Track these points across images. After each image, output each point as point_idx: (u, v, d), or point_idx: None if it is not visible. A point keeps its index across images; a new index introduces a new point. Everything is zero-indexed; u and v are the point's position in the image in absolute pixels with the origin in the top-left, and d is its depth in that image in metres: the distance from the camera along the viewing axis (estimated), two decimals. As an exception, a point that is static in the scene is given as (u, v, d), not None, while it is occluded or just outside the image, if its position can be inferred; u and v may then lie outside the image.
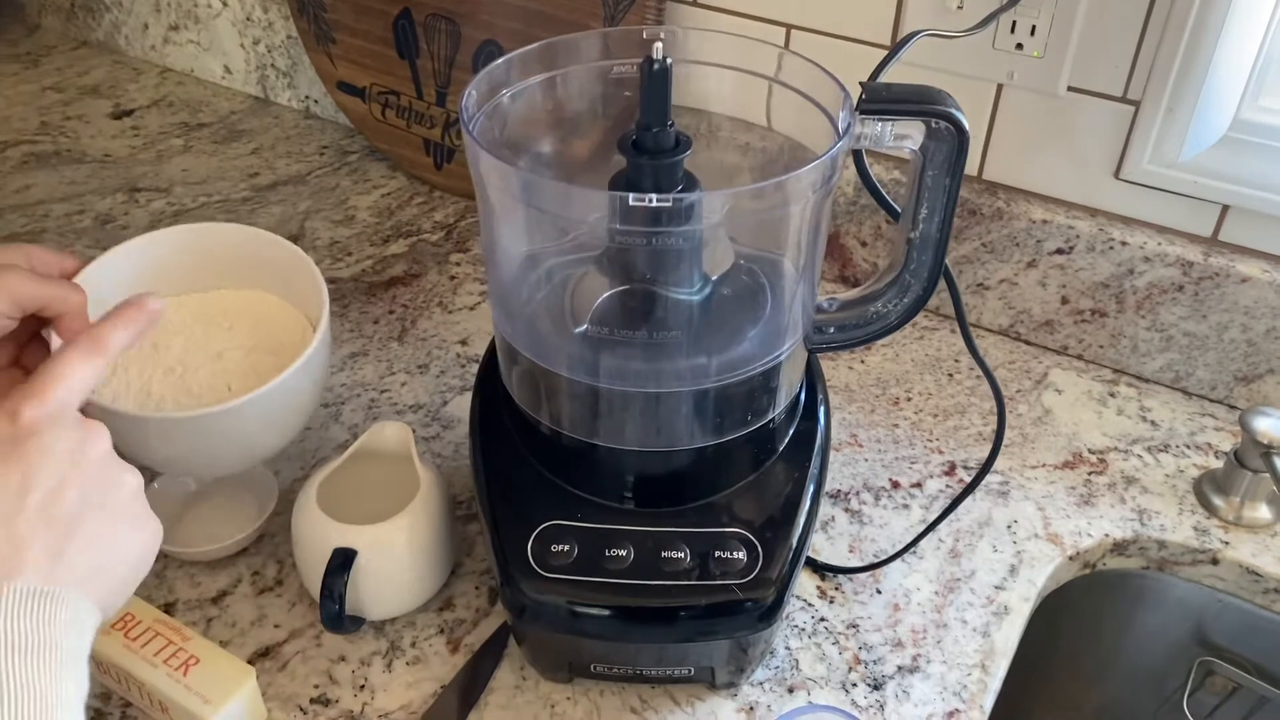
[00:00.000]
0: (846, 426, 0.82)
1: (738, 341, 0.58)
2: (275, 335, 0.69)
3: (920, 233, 0.58)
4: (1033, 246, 0.86)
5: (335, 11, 1.07)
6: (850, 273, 0.96)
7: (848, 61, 0.87)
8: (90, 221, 1.04)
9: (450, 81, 1.02)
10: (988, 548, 0.73)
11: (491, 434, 0.64)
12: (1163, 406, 0.84)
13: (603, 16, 0.92)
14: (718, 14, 0.92)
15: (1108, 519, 0.75)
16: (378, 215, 1.06)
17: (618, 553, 0.57)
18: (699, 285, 0.58)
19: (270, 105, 1.25)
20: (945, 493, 0.77)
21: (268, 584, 0.70)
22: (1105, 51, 0.78)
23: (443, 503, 0.67)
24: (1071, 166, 0.83)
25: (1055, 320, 0.88)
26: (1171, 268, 0.81)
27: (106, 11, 1.32)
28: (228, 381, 0.66)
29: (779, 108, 0.64)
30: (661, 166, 0.55)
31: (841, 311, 0.62)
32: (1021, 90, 0.82)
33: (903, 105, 0.54)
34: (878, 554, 0.72)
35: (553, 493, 0.60)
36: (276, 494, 0.73)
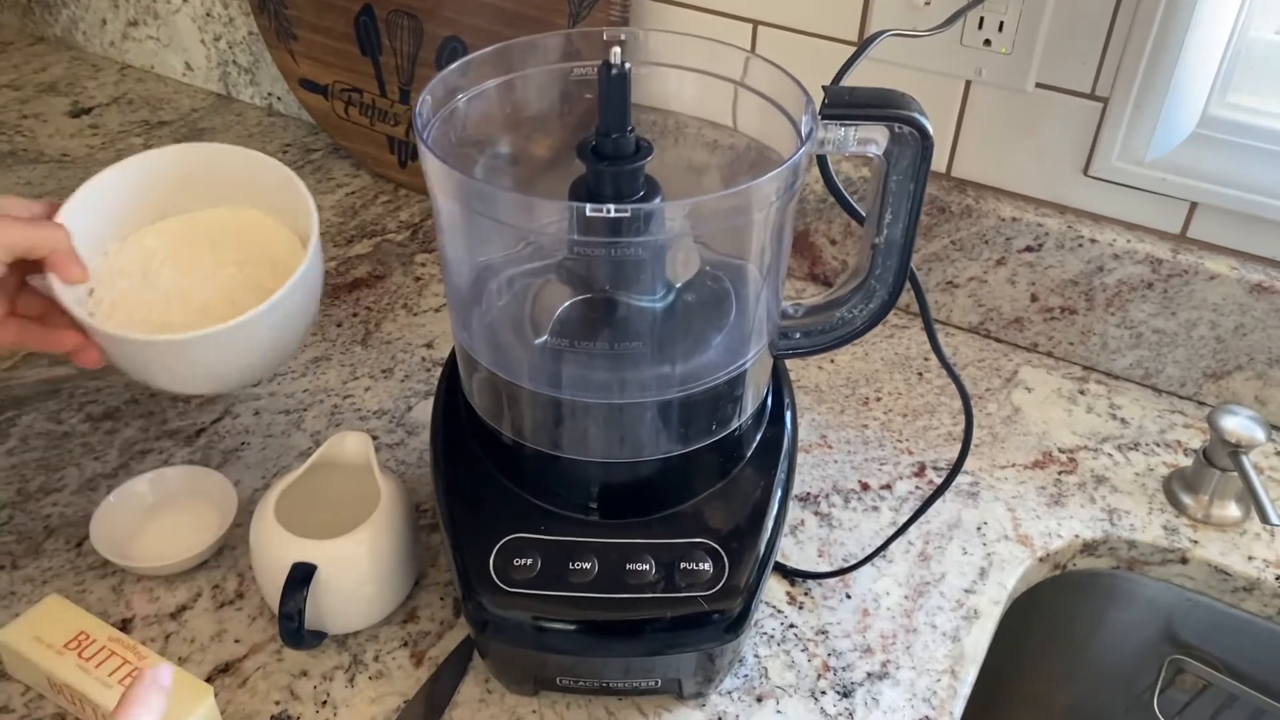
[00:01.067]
0: (816, 428, 0.81)
1: (702, 350, 0.57)
2: (266, 250, 0.68)
3: (885, 238, 0.57)
4: (1002, 244, 0.85)
5: (296, 8, 1.05)
6: (820, 271, 0.95)
7: (815, 58, 0.87)
8: None
9: (414, 78, 1.01)
10: (957, 550, 0.72)
11: (453, 444, 0.62)
12: (1132, 404, 0.84)
13: (568, 13, 0.90)
14: (684, 10, 0.91)
15: (1078, 519, 0.75)
16: (341, 215, 1.04)
17: (582, 565, 0.56)
18: (662, 293, 0.57)
19: (232, 102, 1.23)
20: (915, 494, 0.76)
21: (228, 598, 0.68)
22: (1073, 48, 0.77)
23: (405, 514, 0.66)
24: (1040, 164, 0.83)
25: (1025, 318, 0.88)
26: (1140, 265, 0.81)
27: (64, 7, 1.30)
28: (230, 297, 0.65)
29: (745, 110, 0.63)
30: (621, 173, 0.54)
31: (807, 317, 0.61)
32: (990, 87, 0.81)
33: (865, 110, 0.53)
34: (847, 558, 0.71)
35: (515, 505, 0.59)
36: (236, 505, 0.71)
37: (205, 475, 0.73)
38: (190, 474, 0.73)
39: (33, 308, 0.63)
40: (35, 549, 0.71)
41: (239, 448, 0.78)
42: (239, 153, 0.70)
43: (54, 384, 0.83)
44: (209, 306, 0.66)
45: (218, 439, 0.79)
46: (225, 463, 0.77)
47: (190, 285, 0.67)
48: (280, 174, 0.68)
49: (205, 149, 0.70)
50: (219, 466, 0.76)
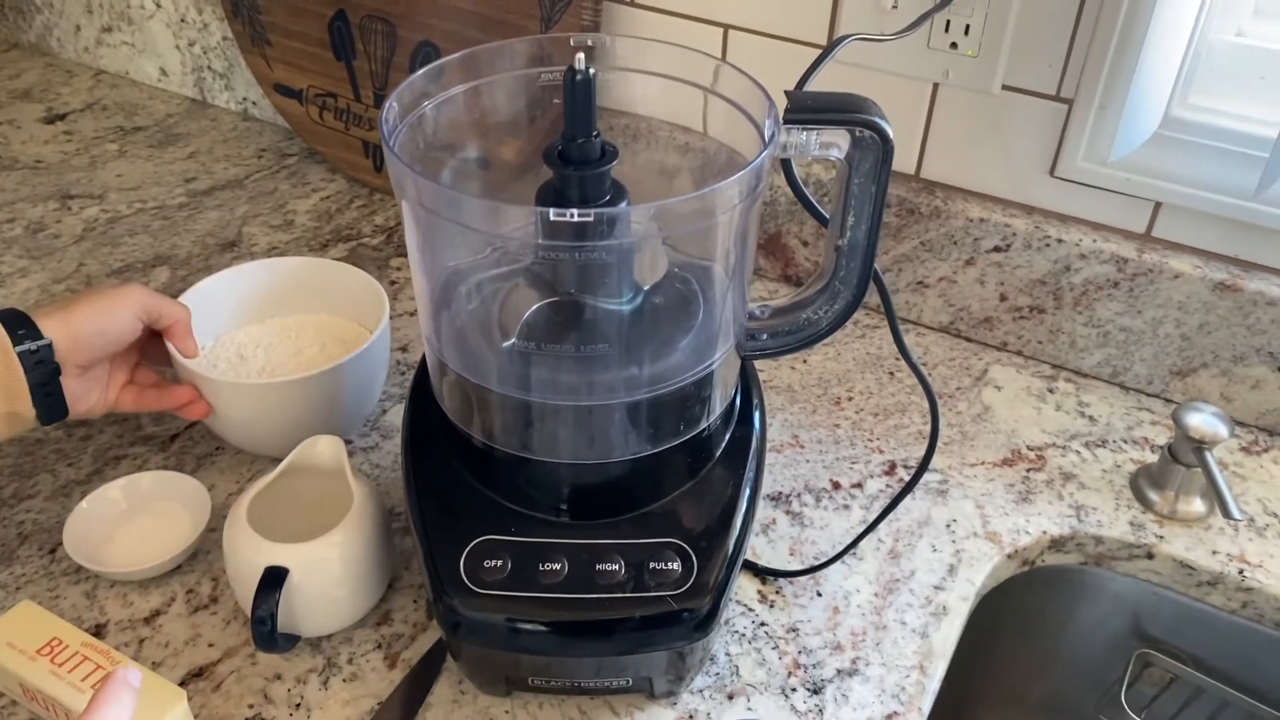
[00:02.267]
0: (789, 427, 0.82)
1: (670, 351, 0.58)
2: (342, 339, 0.80)
3: (848, 240, 0.58)
4: (970, 244, 0.86)
5: (270, 13, 1.05)
6: (792, 272, 0.96)
7: (784, 61, 0.87)
8: (21, 230, 1.02)
9: (388, 83, 1.01)
10: (927, 547, 0.73)
11: (423, 447, 0.63)
12: (1100, 401, 0.85)
13: (539, 17, 0.91)
14: (655, 14, 0.92)
15: (1046, 516, 0.76)
16: (317, 219, 1.04)
17: (552, 566, 0.57)
18: (629, 295, 0.58)
19: (208, 107, 1.23)
20: (885, 492, 0.77)
21: (202, 602, 0.68)
22: (1038, 50, 0.78)
23: (378, 517, 0.66)
24: (1007, 165, 0.84)
25: (994, 317, 0.89)
26: (1106, 264, 0.82)
27: (38, 13, 1.30)
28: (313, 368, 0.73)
29: (714, 115, 0.63)
30: (588, 177, 0.54)
31: (773, 319, 0.62)
32: (957, 89, 0.82)
33: (826, 115, 0.54)
34: (818, 556, 0.72)
35: (485, 506, 0.59)
36: (210, 509, 0.71)
37: (179, 480, 0.73)
38: (164, 479, 0.74)
39: (147, 379, 0.75)
40: (8, 555, 0.71)
41: (213, 453, 0.79)
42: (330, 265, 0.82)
43: (28, 391, 0.83)
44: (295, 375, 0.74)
45: (191, 444, 0.79)
46: (199, 468, 0.77)
47: (280, 362, 0.78)
48: (364, 280, 0.80)
49: (303, 262, 0.82)
50: (193, 472, 0.76)
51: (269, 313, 0.82)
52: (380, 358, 0.78)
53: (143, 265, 0.97)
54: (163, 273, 0.96)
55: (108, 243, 1.00)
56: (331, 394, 0.74)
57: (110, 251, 0.99)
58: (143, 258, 0.98)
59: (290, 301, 0.82)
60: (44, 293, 0.94)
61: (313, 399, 0.73)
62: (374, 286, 0.79)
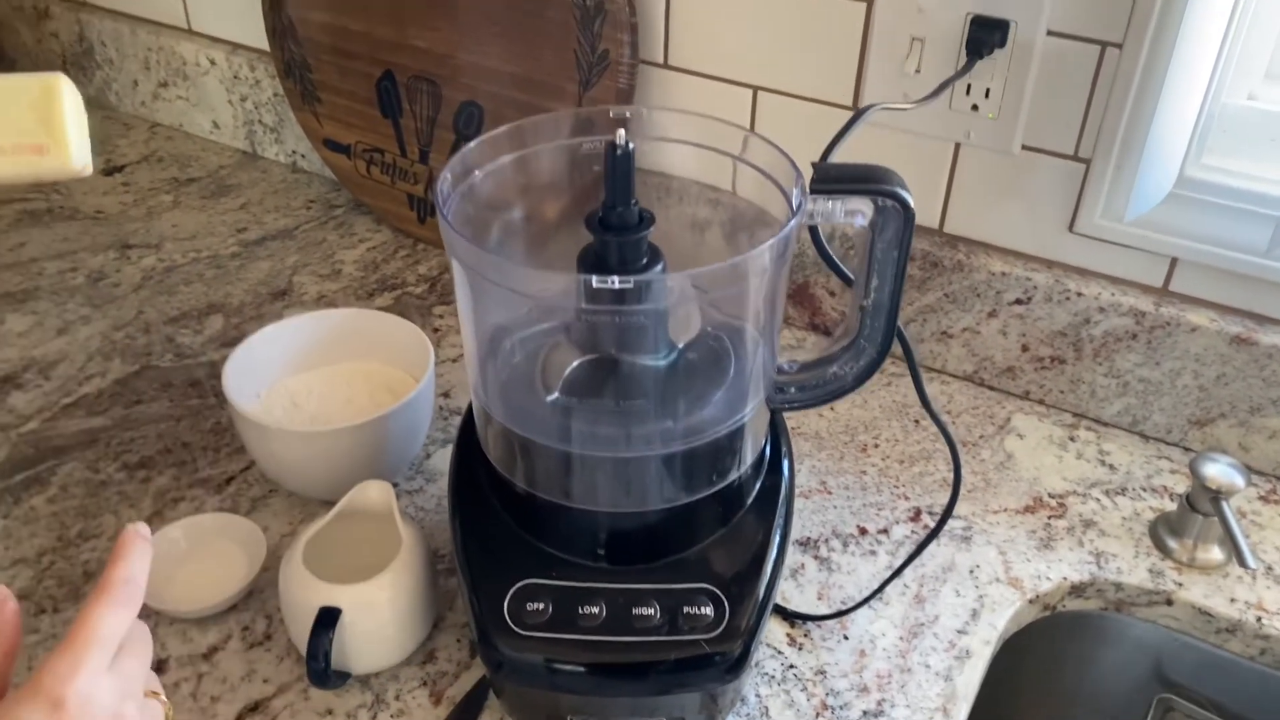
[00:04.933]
0: (816, 474, 0.85)
1: (703, 405, 0.61)
2: (390, 387, 0.84)
3: (872, 300, 0.61)
4: (993, 297, 0.89)
5: (320, 72, 1.10)
6: (820, 320, 0.99)
7: (811, 121, 0.91)
8: (83, 279, 1.07)
9: (433, 140, 1.06)
10: (951, 592, 0.76)
11: (469, 493, 0.66)
12: (1120, 450, 0.88)
13: (578, 80, 0.95)
14: (688, 76, 0.96)
15: (1066, 562, 0.78)
16: (363, 269, 1.09)
17: (590, 610, 0.60)
18: (665, 352, 0.61)
19: (258, 159, 1.28)
20: (911, 538, 0.80)
21: (257, 639, 0.72)
22: (1056, 112, 0.82)
23: (424, 559, 0.70)
24: (1028, 221, 0.87)
25: (1017, 367, 0.92)
26: (1125, 317, 0.84)
27: (98, 69, 1.36)
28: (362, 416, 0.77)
29: (743, 179, 0.67)
30: (626, 243, 0.58)
31: (801, 373, 0.65)
32: (978, 149, 0.86)
33: (851, 186, 0.57)
34: (845, 600, 0.75)
35: (528, 551, 0.63)
36: (265, 550, 0.75)
37: (236, 522, 0.77)
38: (222, 521, 0.78)
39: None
40: (74, 593, 0.75)
41: (266, 495, 0.83)
42: (372, 314, 0.86)
43: (92, 434, 0.88)
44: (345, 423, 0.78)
45: (246, 487, 0.83)
46: (254, 510, 0.81)
47: (331, 409, 0.82)
48: (410, 330, 0.84)
49: (355, 313, 0.86)
50: (248, 514, 0.80)
51: (320, 361, 0.86)
52: (425, 405, 0.81)
53: (197, 313, 1.02)
54: (216, 320, 1.01)
55: (165, 291, 1.05)
56: (380, 440, 0.77)
57: (167, 300, 1.04)
58: (198, 306, 1.03)
59: (341, 350, 0.86)
60: (105, 339, 0.98)
61: (362, 445, 0.77)
62: (420, 337, 0.83)
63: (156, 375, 0.94)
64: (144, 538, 0.51)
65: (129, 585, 0.48)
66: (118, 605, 0.48)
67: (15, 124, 0.42)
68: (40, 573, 0.76)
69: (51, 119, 0.42)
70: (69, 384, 0.93)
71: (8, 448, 0.87)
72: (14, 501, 0.82)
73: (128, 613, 0.48)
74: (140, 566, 0.50)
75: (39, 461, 0.85)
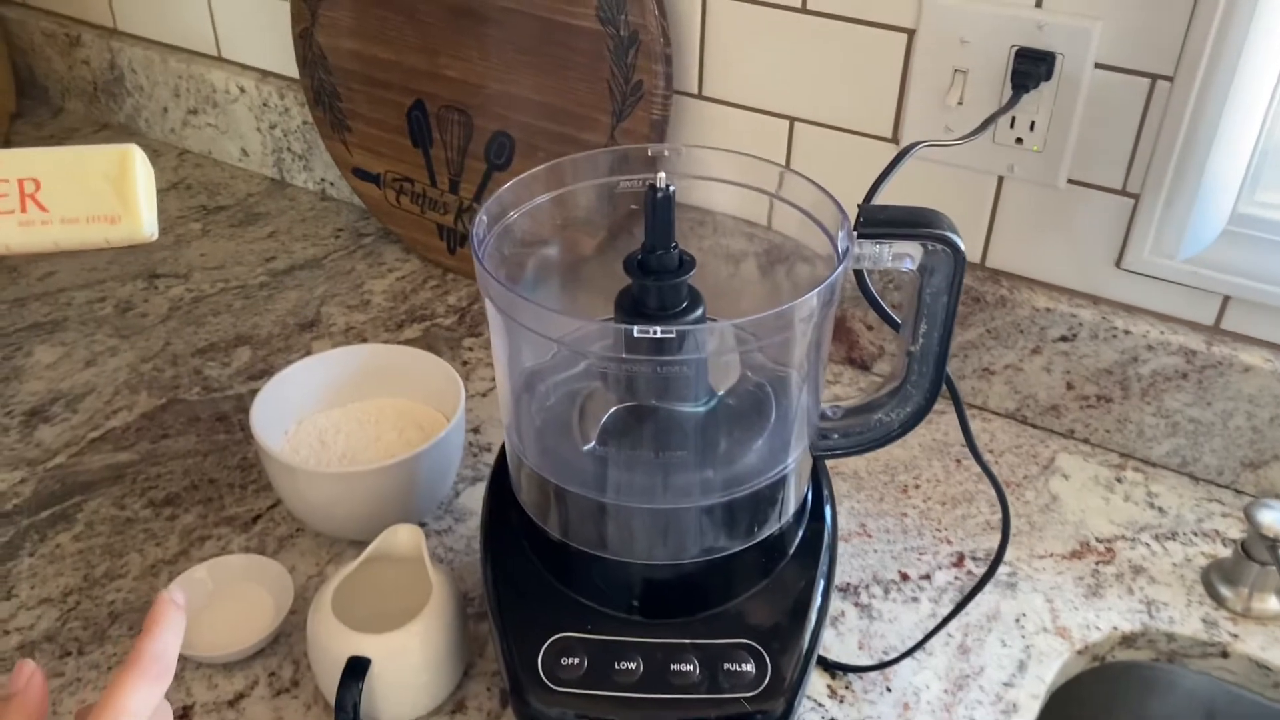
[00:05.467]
0: (855, 516, 0.83)
1: (744, 455, 0.60)
2: (420, 424, 0.82)
3: (920, 346, 0.59)
4: (1036, 333, 0.87)
5: (350, 101, 1.09)
6: (857, 355, 0.97)
7: (849, 153, 0.89)
8: (111, 309, 1.06)
9: (463, 169, 1.05)
10: (996, 642, 0.73)
11: (501, 541, 0.65)
12: (1170, 492, 0.85)
13: (611, 110, 0.94)
14: (722, 107, 0.94)
15: (1116, 611, 0.75)
16: (392, 299, 1.08)
17: (627, 665, 0.58)
18: (704, 400, 0.60)
19: (286, 187, 1.28)
20: (954, 585, 0.77)
21: (284, 685, 0.70)
22: (1104, 146, 0.79)
23: (455, 606, 0.68)
24: (1073, 256, 0.85)
25: (1061, 405, 0.89)
26: (1175, 356, 0.82)
27: (128, 96, 1.36)
28: (391, 454, 0.77)
29: (780, 213, 0.66)
30: (665, 287, 0.56)
31: (845, 419, 0.63)
32: (1022, 182, 0.83)
33: (899, 230, 0.55)
34: (887, 650, 0.73)
35: (562, 603, 0.61)
36: (293, 593, 0.74)
37: (263, 564, 0.76)
38: (248, 562, 0.76)
39: None
40: (100, 635, 0.73)
41: (293, 535, 0.81)
42: (401, 350, 0.85)
43: (119, 469, 0.87)
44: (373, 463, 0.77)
45: (273, 525, 0.82)
46: (280, 549, 0.80)
47: (359, 448, 0.81)
48: (440, 367, 0.82)
49: (383, 348, 0.85)
50: (274, 553, 0.79)
51: (349, 397, 0.84)
52: (455, 445, 0.80)
53: (225, 345, 1.01)
54: (244, 353, 1.00)
55: (192, 322, 1.04)
56: (409, 481, 0.76)
57: (195, 331, 1.03)
58: (225, 337, 1.02)
59: (370, 386, 0.84)
60: (133, 371, 0.98)
61: (391, 486, 0.75)
62: (450, 374, 0.81)
63: (184, 409, 0.93)
64: (178, 607, 0.50)
65: (159, 661, 0.47)
66: (147, 681, 0.46)
67: (91, 195, 0.43)
68: (65, 613, 0.75)
69: (125, 190, 0.43)
70: (96, 417, 0.92)
71: (34, 483, 0.86)
72: (40, 539, 0.81)
73: (157, 689, 0.47)
74: (173, 639, 0.48)
75: (65, 497, 0.84)
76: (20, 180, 0.42)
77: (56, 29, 1.37)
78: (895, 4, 0.83)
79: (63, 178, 0.43)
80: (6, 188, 0.42)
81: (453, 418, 0.78)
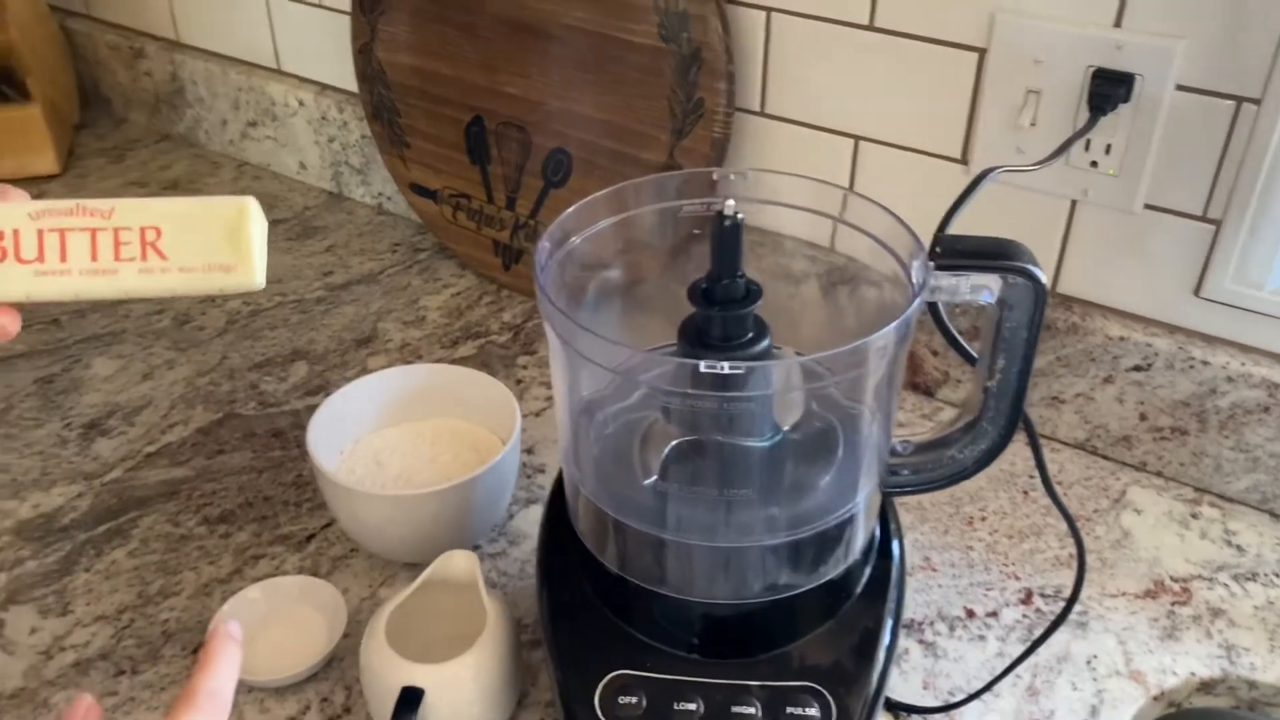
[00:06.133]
0: (920, 549, 0.80)
1: (811, 493, 0.58)
2: (474, 446, 0.82)
3: (998, 382, 0.57)
4: (1109, 362, 0.84)
5: (409, 117, 1.09)
6: (921, 380, 0.95)
7: (916, 174, 0.87)
8: (169, 322, 1.07)
9: (520, 186, 1.04)
10: (1067, 685, 0.71)
11: (558, 573, 0.63)
12: (1249, 529, 0.82)
13: (670, 128, 0.92)
14: (785, 125, 0.92)
15: (1193, 655, 0.72)
16: (447, 316, 1.07)
17: (687, 707, 0.56)
18: (770, 434, 0.58)
19: (344, 201, 1.28)
20: (1022, 623, 0.75)
21: (336, 711, 0.70)
22: (1183, 170, 0.76)
23: (510, 634, 0.67)
24: (1149, 283, 0.82)
25: (1133, 436, 0.86)
26: (1257, 389, 0.79)
27: (188, 107, 1.37)
28: (447, 478, 0.75)
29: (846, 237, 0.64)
30: (730, 318, 0.55)
31: (916, 455, 0.61)
32: (1096, 206, 0.81)
33: (979, 262, 0.53)
34: (953, 690, 0.70)
35: (620, 640, 0.59)
36: (345, 617, 0.73)
37: (316, 585, 0.75)
38: (302, 583, 0.76)
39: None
40: (154, 654, 0.73)
41: (347, 555, 0.80)
42: (457, 370, 0.84)
43: (174, 485, 0.87)
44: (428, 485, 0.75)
45: (327, 545, 0.81)
46: (334, 570, 0.79)
47: (415, 469, 0.80)
48: (496, 388, 0.81)
49: (441, 369, 0.85)
50: (328, 574, 0.78)
51: (404, 416, 0.84)
52: (511, 468, 0.79)
53: (282, 360, 1.01)
54: (301, 367, 1.00)
55: (249, 336, 1.04)
56: (464, 504, 0.75)
57: (251, 345, 1.03)
58: (282, 352, 1.02)
59: (425, 406, 0.84)
60: (189, 385, 0.98)
61: (447, 509, 0.74)
62: (506, 396, 0.80)
63: (239, 424, 0.93)
64: (235, 641, 0.49)
65: (215, 698, 0.46)
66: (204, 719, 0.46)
67: (209, 245, 0.44)
68: (120, 631, 0.75)
69: (241, 241, 0.44)
70: (152, 431, 0.93)
71: (91, 497, 0.86)
72: (96, 554, 0.81)
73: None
74: (230, 675, 0.47)
75: (121, 512, 0.84)
76: (143, 228, 0.43)
77: (121, 41, 1.39)
78: (966, 22, 0.80)
79: (183, 227, 0.44)
80: (129, 235, 0.43)
81: (508, 440, 0.77)
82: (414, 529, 0.75)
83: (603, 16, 0.92)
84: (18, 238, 0.43)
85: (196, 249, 0.44)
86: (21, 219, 0.43)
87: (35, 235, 0.43)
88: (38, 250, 0.43)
